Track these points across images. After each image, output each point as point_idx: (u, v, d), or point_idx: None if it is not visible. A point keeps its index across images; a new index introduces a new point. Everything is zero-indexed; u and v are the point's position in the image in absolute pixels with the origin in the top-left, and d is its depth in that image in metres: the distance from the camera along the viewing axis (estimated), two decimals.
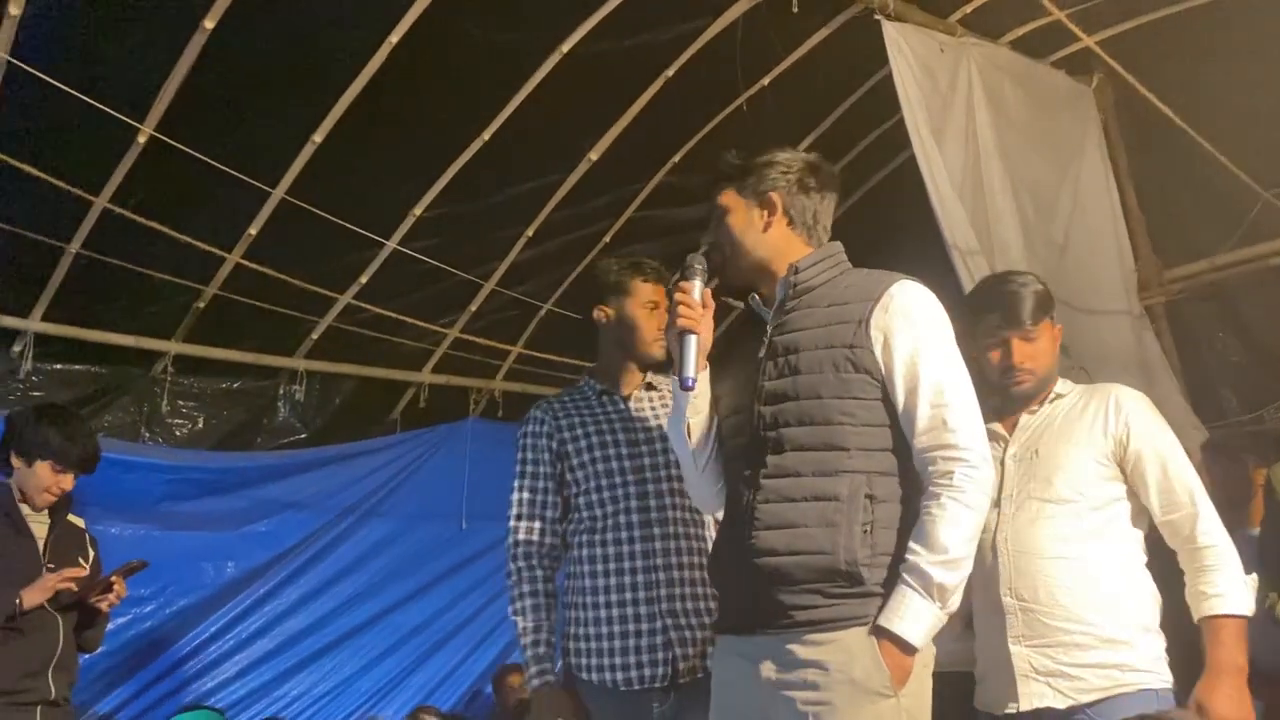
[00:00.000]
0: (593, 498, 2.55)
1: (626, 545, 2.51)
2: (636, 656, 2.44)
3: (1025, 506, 2.37)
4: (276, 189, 3.93)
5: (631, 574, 2.49)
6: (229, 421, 4.73)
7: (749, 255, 2.14)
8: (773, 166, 2.15)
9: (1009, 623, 2.32)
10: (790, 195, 2.14)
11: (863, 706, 1.87)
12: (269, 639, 4.62)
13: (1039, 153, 5.02)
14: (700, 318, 2.07)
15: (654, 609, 2.45)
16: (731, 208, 2.15)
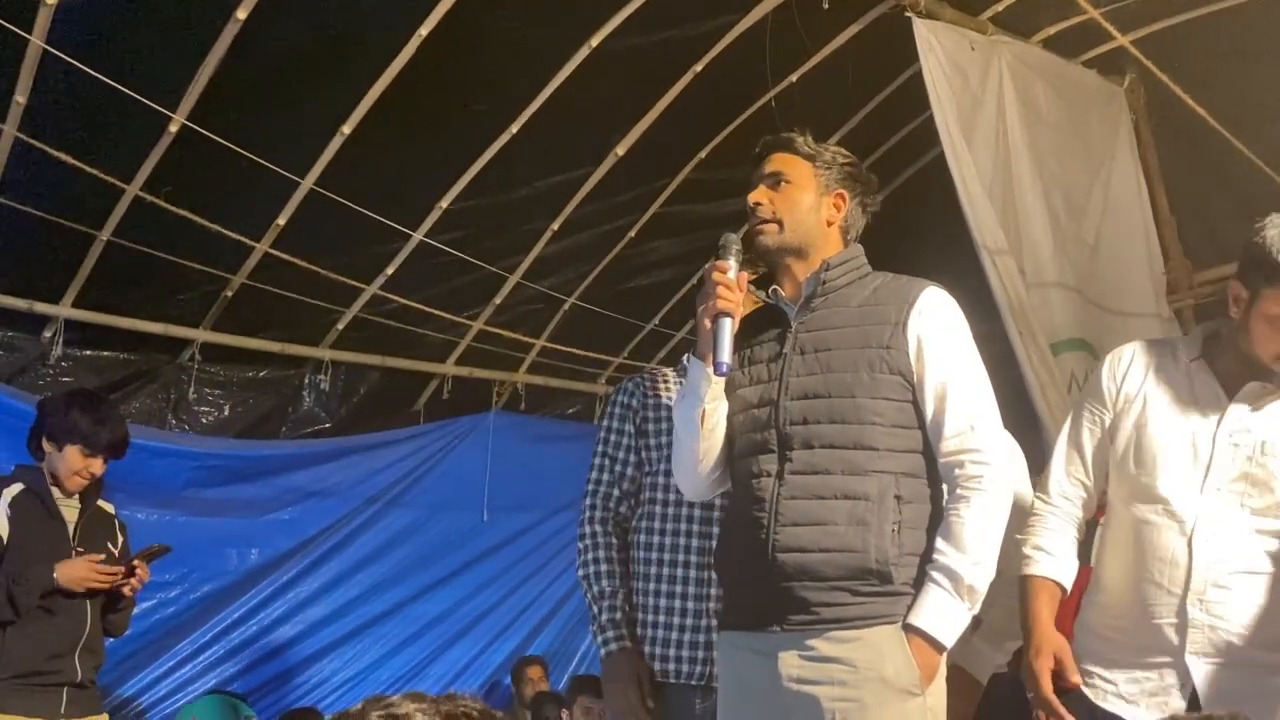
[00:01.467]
0: (659, 480, 2.54)
1: (684, 539, 2.49)
2: (677, 650, 2.43)
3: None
4: (305, 179, 3.95)
5: (685, 568, 2.47)
6: (254, 410, 4.77)
7: (804, 234, 2.12)
8: (847, 166, 2.18)
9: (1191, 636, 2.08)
10: (853, 203, 2.16)
11: (891, 704, 1.87)
12: (291, 626, 4.67)
13: (1070, 153, 4.99)
14: (738, 300, 2.05)
15: (701, 606, 2.44)
16: (800, 182, 2.14)
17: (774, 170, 2.15)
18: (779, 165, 2.16)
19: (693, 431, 2.11)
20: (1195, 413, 2.15)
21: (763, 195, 2.14)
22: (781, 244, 2.13)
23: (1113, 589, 2.22)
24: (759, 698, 1.99)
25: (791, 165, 2.15)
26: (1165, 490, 2.12)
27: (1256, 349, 2.06)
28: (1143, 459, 2.16)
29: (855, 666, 1.89)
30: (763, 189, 2.15)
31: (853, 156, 2.21)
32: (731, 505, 2.18)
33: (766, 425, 2.05)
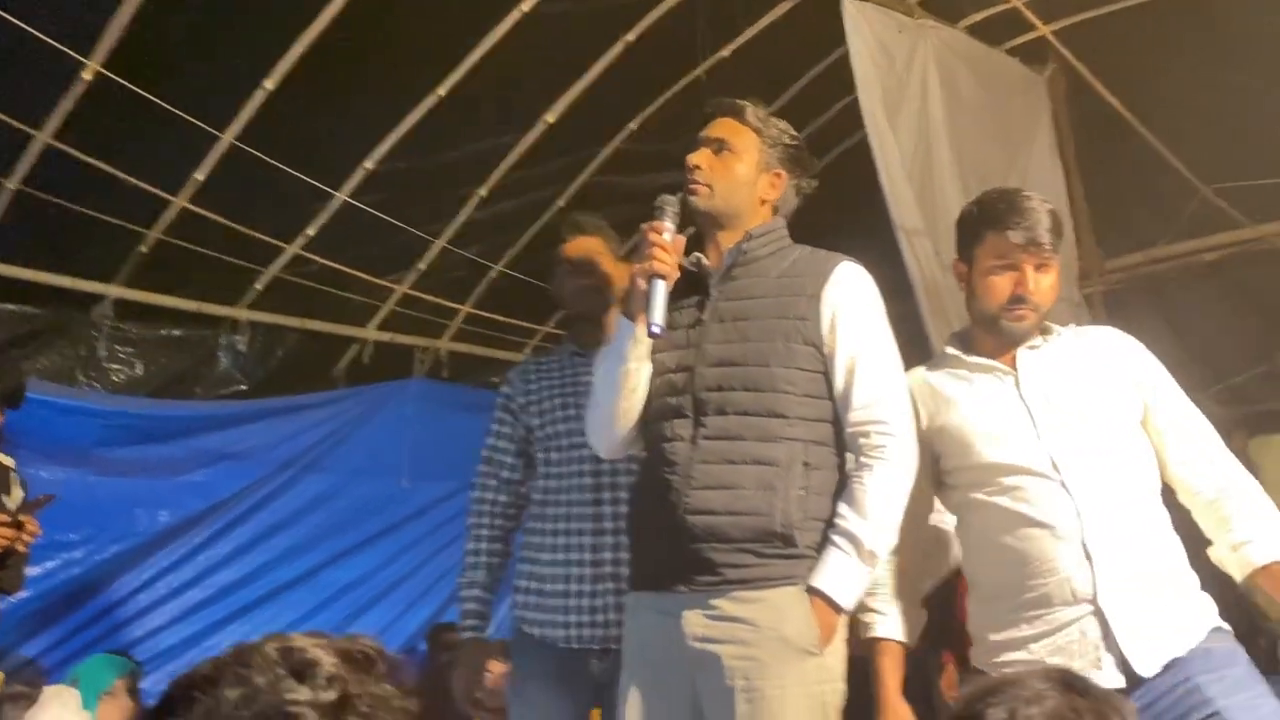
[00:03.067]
0: (552, 457, 2.61)
1: (577, 508, 2.55)
2: (577, 616, 2.49)
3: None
4: (225, 134, 3.86)
5: (579, 535, 2.52)
6: (168, 370, 4.66)
7: (730, 203, 2.16)
8: (793, 150, 2.22)
9: None
10: (789, 185, 2.18)
11: (791, 663, 1.92)
12: (201, 589, 4.59)
13: (989, 139, 5.09)
14: (673, 263, 2.07)
15: (599, 571, 2.50)
16: (743, 151, 2.17)
17: (719, 135, 2.18)
18: (725, 131, 2.18)
19: (614, 391, 2.13)
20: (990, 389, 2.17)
21: (703, 158, 2.16)
22: (711, 208, 2.16)
23: (998, 577, 2.09)
24: (664, 656, 2.03)
25: (737, 134, 2.18)
26: (1012, 458, 2.07)
27: (985, 305, 2.18)
28: (973, 447, 2.11)
29: (757, 626, 1.94)
30: (705, 152, 2.17)
31: (799, 137, 2.23)
32: (644, 468, 2.21)
33: (682, 390, 2.09)
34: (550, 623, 2.51)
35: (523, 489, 2.69)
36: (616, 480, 2.55)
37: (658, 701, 2.04)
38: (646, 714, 2.04)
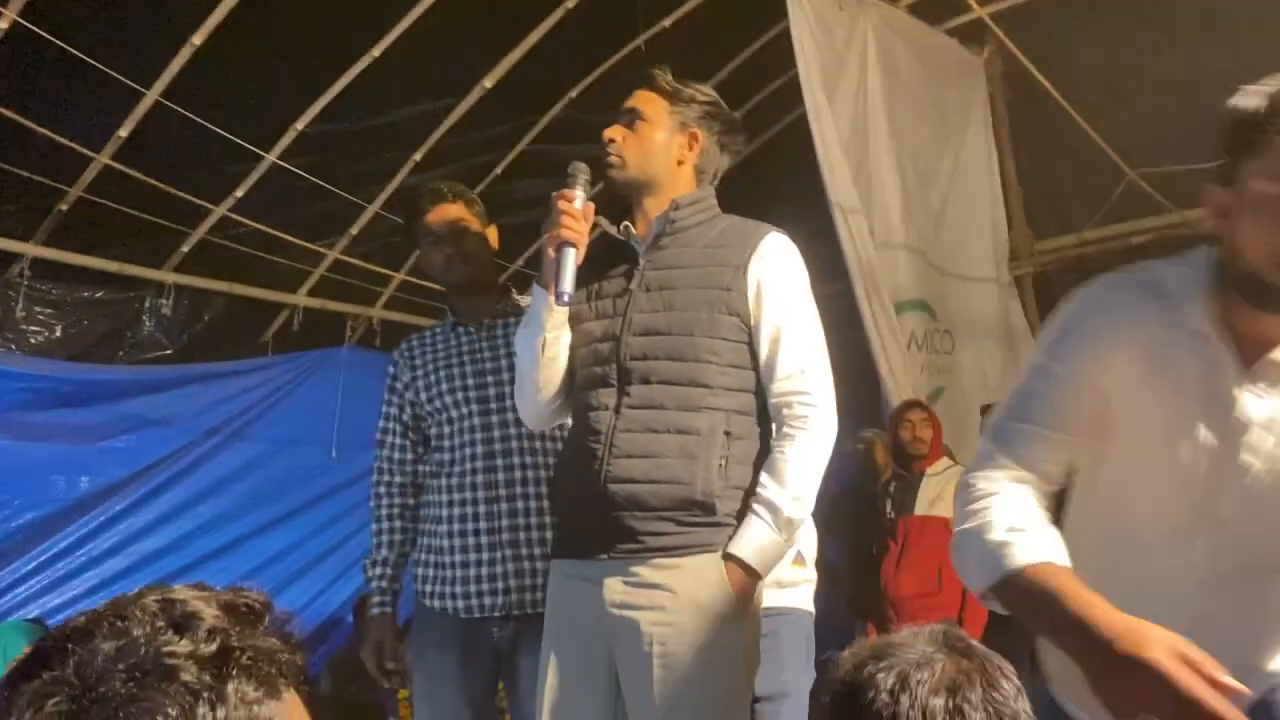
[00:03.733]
0: (443, 430, 2.59)
1: (469, 476, 2.52)
2: (477, 585, 2.47)
3: None
4: (151, 90, 3.74)
5: (473, 504, 2.50)
6: (89, 332, 4.54)
7: (651, 172, 2.14)
8: (705, 105, 2.18)
9: None
10: (709, 142, 2.18)
11: (707, 628, 1.93)
12: (122, 557, 4.49)
13: (925, 119, 5.15)
14: (583, 230, 2.05)
15: (495, 539, 2.48)
16: (654, 119, 2.14)
17: (631, 106, 2.17)
18: (638, 102, 2.17)
19: (533, 360, 2.12)
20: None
21: (616, 132, 2.15)
22: (626, 179, 2.15)
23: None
24: (584, 623, 2.03)
25: (649, 102, 2.17)
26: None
27: (1257, 254, 1.38)
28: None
29: (675, 592, 1.95)
30: (618, 126, 2.16)
31: (714, 95, 2.22)
32: (569, 437, 2.20)
33: (608, 359, 2.08)
34: (449, 593, 2.50)
35: (420, 466, 2.66)
36: (508, 447, 2.53)
37: (576, 667, 2.04)
38: (564, 680, 2.04)
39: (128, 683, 0.66)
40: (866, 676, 1.07)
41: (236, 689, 0.69)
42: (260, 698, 0.69)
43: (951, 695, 1.03)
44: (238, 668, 0.69)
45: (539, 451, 2.54)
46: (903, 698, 1.03)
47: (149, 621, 0.69)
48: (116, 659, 0.68)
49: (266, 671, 0.71)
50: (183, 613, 0.70)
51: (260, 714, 0.69)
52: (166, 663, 0.67)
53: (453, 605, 2.48)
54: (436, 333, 2.71)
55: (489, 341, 2.62)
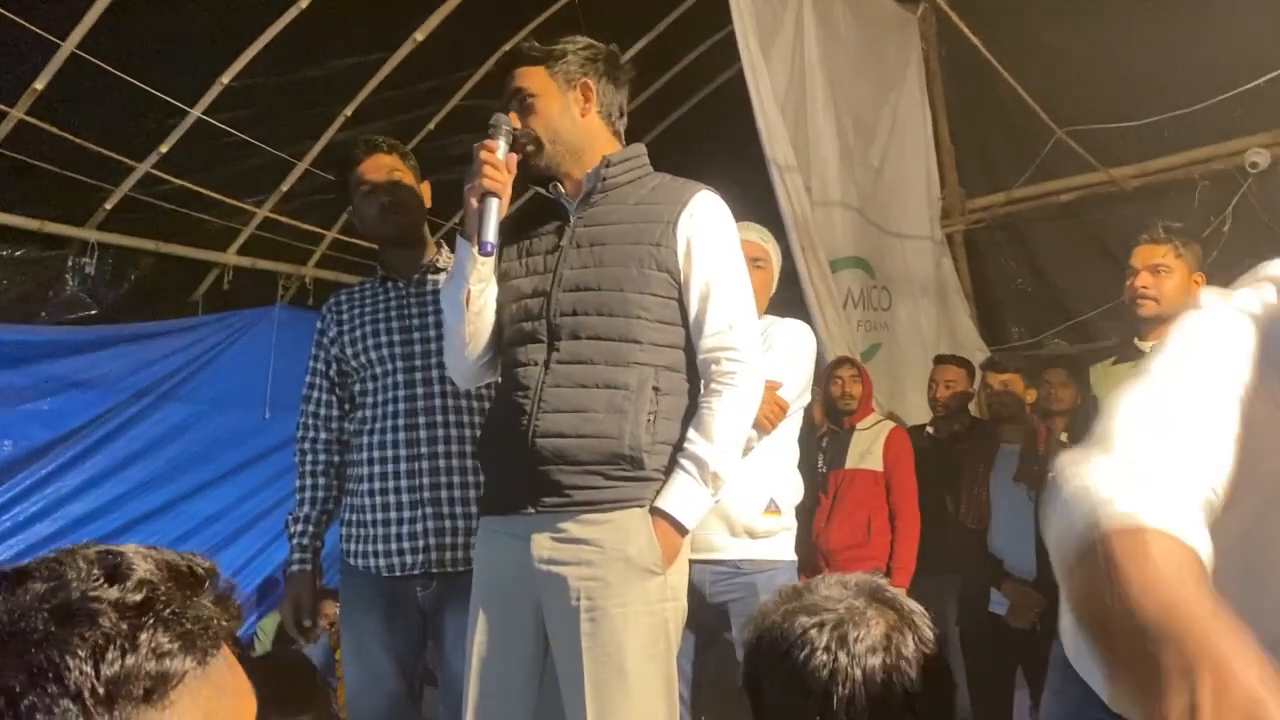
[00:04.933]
0: (366, 386, 2.57)
1: (391, 434, 2.51)
2: (399, 544, 2.47)
3: None
4: (66, 42, 3.61)
5: (395, 462, 2.50)
6: (9, 292, 4.39)
7: (566, 141, 2.13)
8: (582, 53, 2.15)
9: None
10: (601, 85, 2.16)
11: (634, 582, 1.96)
12: (49, 522, 4.40)
13: (862, 76, 5.17)
14: (505, 180, 2.04)
15: (416, 497, 2.47)
16: (542, 91, 2.13)
17: (516, 88, 2.14)
18: (520, 81, 2.14)
19: (458, 314, 2.12)
20: None
21: (514, 120, 2.13)
22: (549, 158, 2.14)
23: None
24: (511, 578, 2.04)
25: (529, 78, 2.14)
26: None
27: None
28: None
29: (602, 547, 1.97)
30: (513, 115, 2.14)
31: (583, 42, 2.18)
32: (497, 394, 2.20)
33: (537, 315, 2.08)
34: (371, 552, 2.49)
35: (345, 423, 2.64)
36: (431, 405, 2.52)
37: (505, 624, 2.06)
38: (492, 636, 2.06)
39: (48, 622, 0.68)
40: (800, 631, 1.06)
41: (150, 639, 0.69)
42: (174, 651, 0.70)
43: (887, 652, 1.05)
44: (156, 619, 0.70)
45: (464, 410, 2.53)
46: (840, 654, 1.04)
47: (84, 569, 0.71)
48: (43, 599, 0.70)
49: (188, 630, 0.71)
50: (117, 564, 0.72)
51: (172, 668, 0.70)
52: (88, 607, 0.69)
53: (375, 564, 2.48)
54: (365, 288, 2.68)
55: (418, 298, 2.60)
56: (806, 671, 1.04)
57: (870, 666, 1.03)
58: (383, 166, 2.58)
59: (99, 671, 0.68)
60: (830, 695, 1.03)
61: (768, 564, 2.95)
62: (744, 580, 2.93)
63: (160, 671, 0.69)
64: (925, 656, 1.06)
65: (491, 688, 2.03)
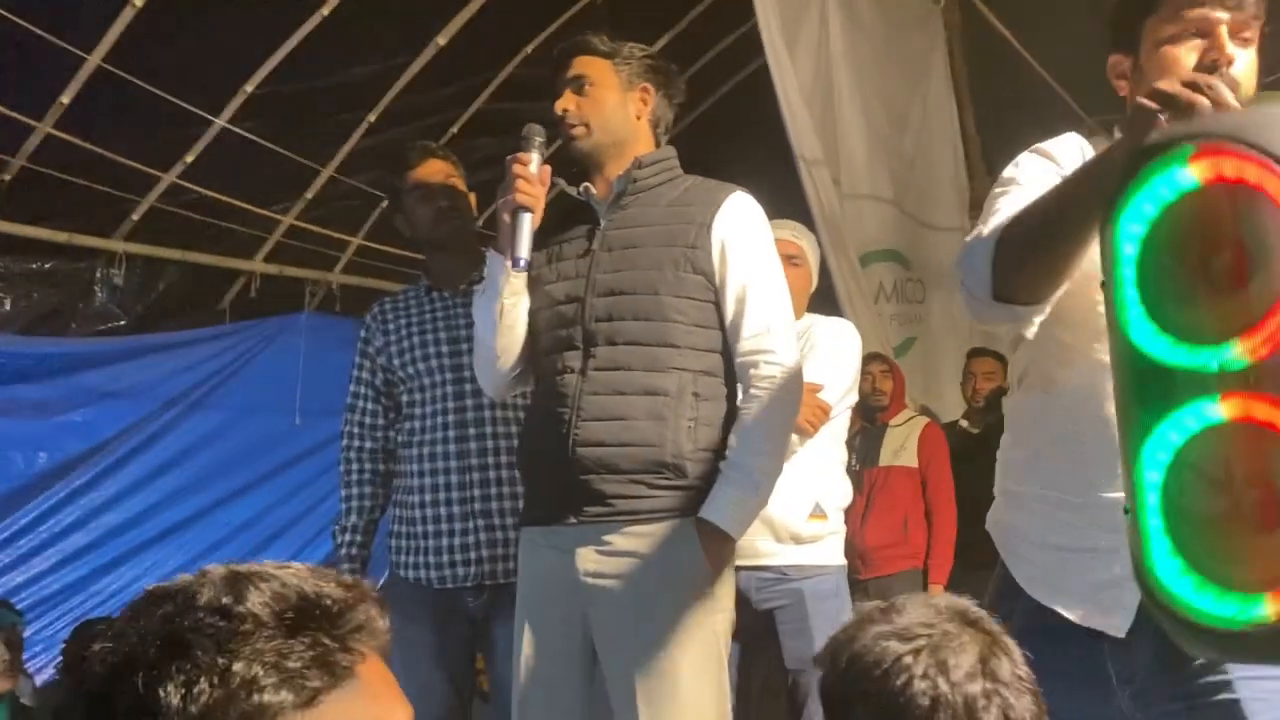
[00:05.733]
0: (415, 397, 2.56)
1: (441, 445, 2.50)
2: (450, 556, 2.46)
3: None
4: (92, 55, 3.62)
5: (445, 474, 2.48)
6: (41, 305, 4.43)
7: (615, 133, 2.11)
8: (647, 59, 2.16)
9: None
10: (659, 95, 2.16)
11: (683, 594, 1.94)
12: (85, 533, 4.44)
13: (890, 66, 5.13)
14: (539, 194, 2.03)
15: (468, 509, 2.46)
16: (602, 82, 2.11)
17: (576, 74, 2.13)
18: (580, 68, 2.13)
19: (491, 328, 2.10)
20: None
21: (569, 101, 2.12)
22: (595, 146, 2.12)
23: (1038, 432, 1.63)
24: (557, 592, 2.02)
25: (592, 66, 2.13)
26: None
27: None
28: None
29: (648, 559, 1.94)
30: (568, 94, 2.12)
31: (651, 50, 2.20)
32: (534, 402, 2.18)
33: (572, 322, 2.06)
34: (422, 564, 2.48)
35: (391, 432, 2.63)
36: (481, 416, 2.50)
37: (551, 637, 2.04)
38: (540, 649, 2.04)
39: (158, 650, 0.69)
40: (895, 657, 1.04)
41: (246, 672, 0.69)
42: (269, 687, 0.69)
43: (986, 677, 1.02)
44: (254, 654, 0.69)
45: (512, 421, 2.51)
46: (940, 681, 1.01)
47: (209, 594, 0.72)
48: (162, 623, 0.71)
49: (289, 666, 0.70)
50: (236, 591, 0.72)
51: (266, 703, 0.69)
52: (190, 638, 0.69)
53: (426, 575, 2.47)
54: (410, 296, 2.66)
55: (465, 307, 2.55)
56: (905, 699, 1.02)
57: (970, 694, 1.01)
58: (438, 171, 2.58)
59: (187, 705, 0.67)
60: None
61: (814, 569, 2.91)
62: (790, 587, 2.89)
63: (251, 707, 0.68)
64: (1020, 679, 1.03)
65: (540, 699, 2.01)
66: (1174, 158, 1.11)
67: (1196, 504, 1.09)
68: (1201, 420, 1.08)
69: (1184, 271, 1.11)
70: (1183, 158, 1.10)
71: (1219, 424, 1.07)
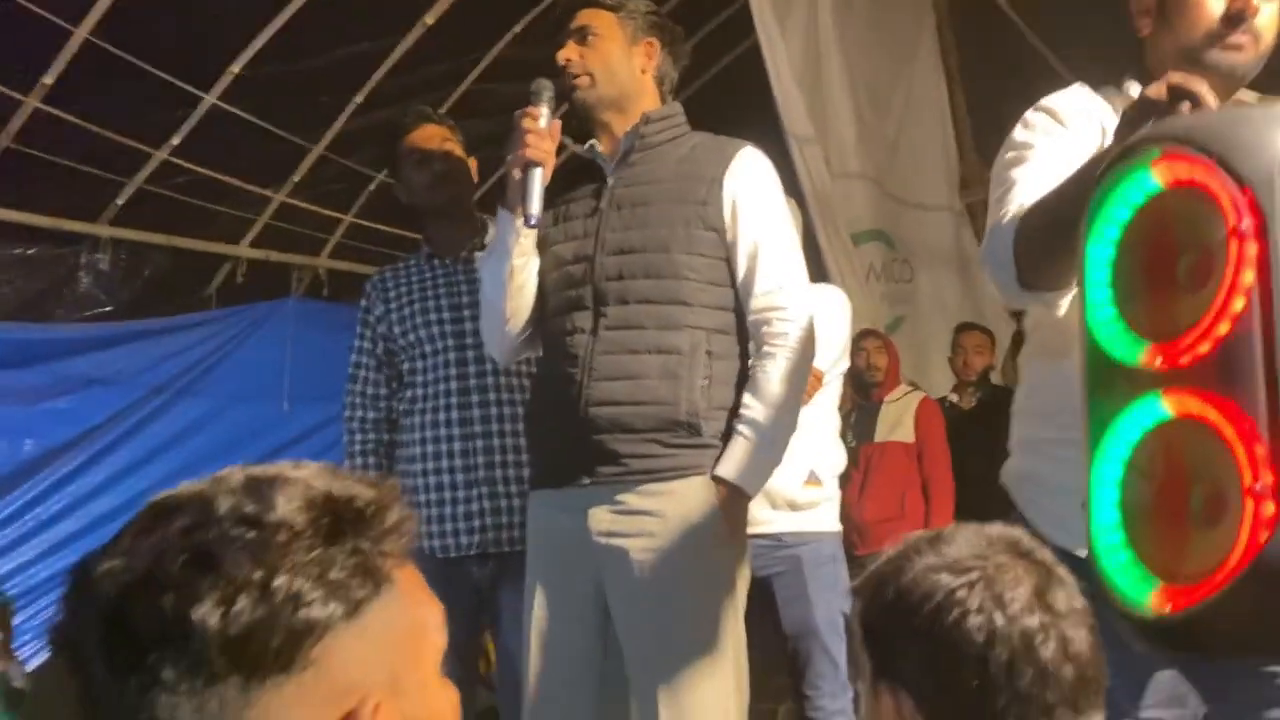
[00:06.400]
0: (416, 365, 2.54)
1: (444, 413, 2.48)
2: (453, 524, 2.43)
3: None
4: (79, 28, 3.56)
5: (448, 441, 2.46)
6: (23, 291, 4.36)
7: (620, 85, 2.08)
8: (652, 15, 2.14)
9: None
10: (663, 51, 2.13)
11: (700, 552, 1.92)
12: (73, 520, 4.36)
13: (877, 48, 5.13)
14: (549, 149, 1.99)
15: (472, 476, 2.44)
16: (606, 33, 2.08)
17: (580, 24, 2.10)
18: (584, 19, 2.11)
19: (500, 289, 2.06)
20: None
21: (572, 51, 2.09)
22: (599, 98, 2.09)
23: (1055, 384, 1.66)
24: (569, 553, 2.00)
25: (597, 18, 2.10)
26: None
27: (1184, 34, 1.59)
28: None
29: (664, 516, 1.92)
30: (571, 45, 2.09)
31: (656, 7, 2.18)
32: (543, 364, 2.16)
33: (581, 282, 2.03)
34: (426, 533, 2.45)
35: (394, 402, 2.61)
36: (484, 383, 2.48)
37: (563, 598, 2.01)
38: (552, 610, 2.02)
39: (182, 567, 0.64)
40: (947, 591, 0.99)
41: (288, 587, 0.64)
42: (316, 599, 0.65)
43: (1043, 610, 0.99)
44: (295, 566, 0.65)
45: (515, 388, 2.49)
46: (996, 615, 0.98)
47: (229, 502, 0.67)
48: (181, 536, 0.66)
49: (331, 578, 0.66)
50: (261, 499, 0.67)
51: (312, 618, 0.65)
52: (221, 551, 0.64)
53: (429, 545, 2.44)
54: (410, 265, 2.64)
55: (466, 275, 2.55)
56: (959, 634, 0.98)
57: (1028, 627, 0.98)
58: (434, 136, 2.56)
59: (227, 626, 0.62)
60: (986, 659, 0.98)
61: (811, 536, 2.91)
62: (787, 553, 2.89)
63: (299, 624, 0.64)
64: (1076, 611, 1.01)
65: (553, 663, 1.99)
66: (1142, 161, 1.16)
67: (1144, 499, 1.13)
68: (1152, 416, 1.12)
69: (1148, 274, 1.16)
70: (1148, 161, 1.15)
71: (1166, 420, 1.11)
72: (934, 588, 1.01)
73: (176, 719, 0.63)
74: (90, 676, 0.65)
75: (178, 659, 0.62)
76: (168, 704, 0.62)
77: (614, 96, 2.08)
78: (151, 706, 0.63)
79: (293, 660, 0.64)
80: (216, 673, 0.62)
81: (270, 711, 0.63)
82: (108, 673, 0.64)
